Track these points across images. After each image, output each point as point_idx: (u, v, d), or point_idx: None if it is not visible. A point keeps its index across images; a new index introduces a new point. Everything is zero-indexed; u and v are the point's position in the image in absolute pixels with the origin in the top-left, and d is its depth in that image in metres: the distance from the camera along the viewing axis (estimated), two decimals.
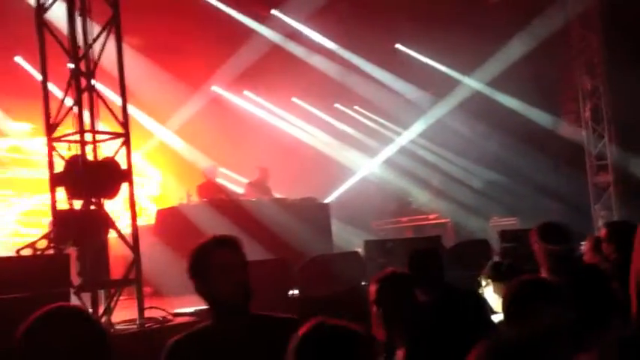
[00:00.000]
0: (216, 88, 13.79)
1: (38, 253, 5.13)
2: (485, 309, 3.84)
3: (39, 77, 5.84)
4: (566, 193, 11.89)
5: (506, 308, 2.48)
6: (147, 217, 11.51)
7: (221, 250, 2.50)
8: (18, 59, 11.41)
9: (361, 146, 15.09)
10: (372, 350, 1.96)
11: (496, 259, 6.33)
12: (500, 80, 12.80)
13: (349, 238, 11.92)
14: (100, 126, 5.85)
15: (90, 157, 5.53)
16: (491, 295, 4.23)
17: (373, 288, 3.26)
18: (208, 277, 2.47)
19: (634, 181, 12.09)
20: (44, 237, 5.28)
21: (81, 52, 5.60)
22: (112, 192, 5.51)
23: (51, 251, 5.13)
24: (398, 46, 14.03)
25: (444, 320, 3.48)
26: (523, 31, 12.06)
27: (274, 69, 12.81)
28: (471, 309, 3.71)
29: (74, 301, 4.58)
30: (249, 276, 2.51)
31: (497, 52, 12.64)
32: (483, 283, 4.25)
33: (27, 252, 5.14)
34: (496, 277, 4.18)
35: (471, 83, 13.70)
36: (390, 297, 3.22)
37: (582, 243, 5.14)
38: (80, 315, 1.77)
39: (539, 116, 13.03)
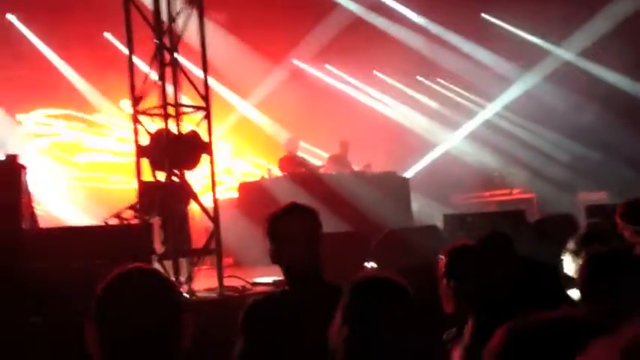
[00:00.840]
0: (297, 62, 13.83)
1: (124, 222, 5.33)
2: (562, 284, 3.71)
3: (126, 52, 6.01)
4: None
5: (580, 284, 2.36)
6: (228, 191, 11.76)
7: (290, 218, 2.59)
8: (107, 35, 11.82)
9: (444, 120, 14.81)
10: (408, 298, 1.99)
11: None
12: (592, 50, 12.23)
13: (431, 213, 11.78)
14: (183, 100, 6.00)
15: (173, 130, 5.67)
16: (573, 270, 4.08)
17: (443, 260, 3.21)
18: (278, 244, 2.57)
19: None
20: (130, 207, 5.48)
21: (165, 27, 5.72)
22: (192, 163, 5.64)
23: (136, 221, 5.32)
24: (484, 15, 13.60)
25: (517, 294, 3.39)
26: None
27: (356, 42, 12.70)
28: (547, 283, 3.59)
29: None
30: (325, 246, 2.57)
31: (590, 21, 12.07)
32: (566, 257, 4.09)
33: (113, 221, 5.36)
34: (579, 251, 4.01)
35: (561, 53, 13.15)
36: (458, 270, 3.16)
37: None
38: (156, 275, 1.82)
39: (633, 87, 12.40)
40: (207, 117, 5.85)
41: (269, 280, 5.26)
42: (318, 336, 2.15)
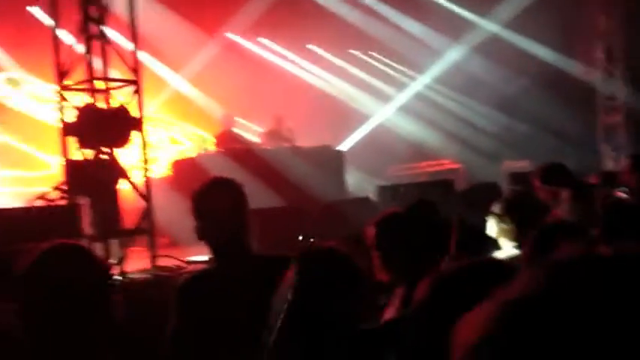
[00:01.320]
0: (230, 35, 13.62)
1: (50, 203, 5.18)
2: (490, 247, 3.83)
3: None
4: (578, 135, 11.82)
5: (529, 254, 2.45)
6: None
7: (212, 193, 2.60)
8: (31, 9, 11.34)
9: (377, 92, 14.91)
10: (359, 269, 2.05)
11: None
12: (514, 22, 12.53)
13: (365, 186, 11.90)
14: (113, 75, 5.83)
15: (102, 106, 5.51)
16: (498, 234, 4.20)
17: (371, 232, 3.24)
18: (202, 220, 2.57)
19: None
20: (56, 187, 5.32)
21: None
22: (122, 140, 5.51)
23: (63, 202, 5.18)
24: None
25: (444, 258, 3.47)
26: None
27: (289, 15, 12.61)
28: (476, 247, 3.69)
29: None
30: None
31: None
32: (490, 220, 4.21)
33: (39, 203, 5.19)
34: (502, 215, 4.13)
35: (487, 26, 13.41)
36: (388, 238, 3.21)
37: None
38: (81, 250, 1.79)
39: (553, 57, 12.80)
40: (138, 91, 5.71)
41: (205, 258, 5.21)
42: (250, 307, 2.16)
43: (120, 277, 4.65)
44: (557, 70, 12.73)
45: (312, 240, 6.60)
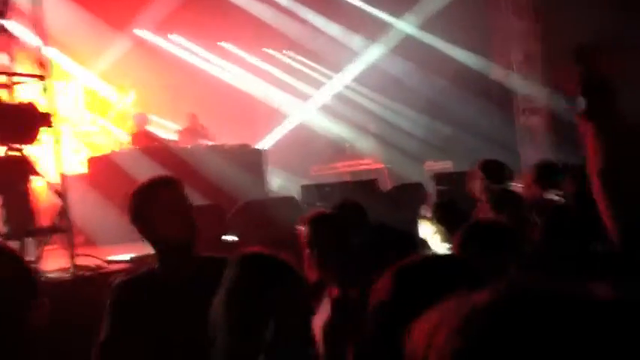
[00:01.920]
0: (139, 32, 13.22)
1: None
2: (421, 248, 3.87)
3: None
4: (498, 136, 12.17)
5: (459, 252, 2.46)
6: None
7: (165, 189, 2.48)
8: None
9: (294, 91, 14.91)
10: (298, 276, 2.00)
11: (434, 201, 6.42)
12: (432, 23, 12.82)
13: (287, 185, 11.87)
14: (20, 70, 5.57)
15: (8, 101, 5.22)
16: (430, 236, 4.27)
17: (306, 229, 3.21)
18: (153, 217, 2.43)
19: (563, 123, 12.43)
20: None
21: None
22: (31, 137, 5.22)
23: None
24: None
25: (379, 260, 3.47)
26: None
27: (201, 12, 12.41)
28: (406, 249, 3.72)
29: None
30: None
31: None
32: (426, 224, 4.28)
33: None
34: (441, 219, 4.20)
35: (403, 26, 13.67)
36: (323, 238, 3.19)
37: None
38: (3, 252, 1.65)
39: (470, 59, 13.18)
40: (47, 86, 5.45)
41: (126, 257, 5.03)
42: (195, 311, 2.05)
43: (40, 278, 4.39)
44: (475, 71, 13.09)
45: (235, 239, 6.50)
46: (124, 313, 2.42)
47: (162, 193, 2.46)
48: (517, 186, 5.08)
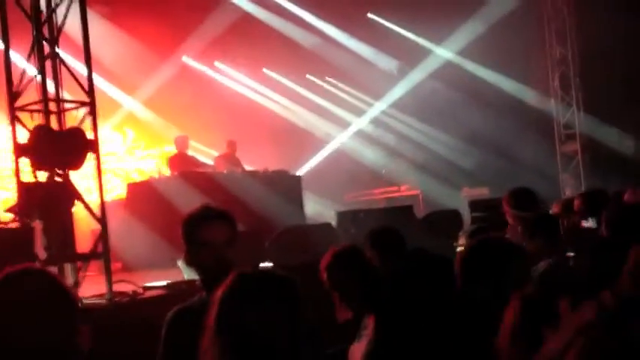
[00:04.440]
0: (186, 59, 13.53)
1: (2, 226, 4.98)
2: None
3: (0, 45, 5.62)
4: (536, 162, 12.03)
5: (464, 267, 2.47)
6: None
7: (206, 223, 2.57)
8: None
9: (333, 118, 14.99)
10: (297, 290, 1.90)
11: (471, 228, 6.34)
12: (471, 49, 12.78)
13: (322, 211, 11.88)
14: (66, 96, 5.69)
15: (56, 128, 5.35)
16: None
17: (324, 275, 3.23)
18: (194, 248, 2.57)
19: (602, 149, 12.24)
20: (8, 210, 5.12)
21: (43, 17, 5.39)
22: (77, 162, 5.34)
23: (16, 224, 4.98)
24: (370, 15, 13.90)
25: (414, 286, 3.45)
26: None
27: (244, 39, 12.61)
28: (444, 275, 3.69)
29: None
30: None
31: (468, 20, 12.62)
32: (459, 250, 4.23)
33: None
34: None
35: (442, 53, 13.66)
36: (340, 278, 3.19)
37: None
38: (48, 278, 1.66)
39: (509, 86, 13.08)
40: (92, 113, 5.56)
41: (162, 283, 5.08)
42: None
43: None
44: (513, 97, 12.99)
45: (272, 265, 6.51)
46: (177, 341, 2.51)
47: (206, 226, 2.55)
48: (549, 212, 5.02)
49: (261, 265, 6.46)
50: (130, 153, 12.69)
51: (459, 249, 4.34)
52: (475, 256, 2.51)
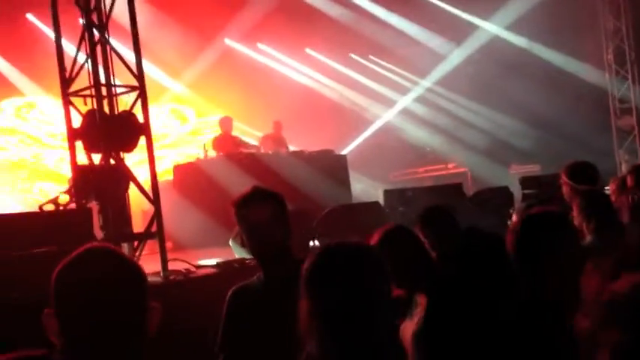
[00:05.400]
0: (229, 41, 13.61)
1: (60, 208, 5.13)
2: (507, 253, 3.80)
3: (51, 34, 5.75)
4: (589, 138, 11.69)
5: (514, 244, 2.45)
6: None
7: (254, 204, 2.61)
8: (30, 16, 11.30)
9: (377, 96, 14.90)
10: (381, 263, 1.90)
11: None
12: (520, 24, 12.51)
13: (367, 190, 11.87)
14: (116, 82, 5.80)
15: (107, 111, 5.47)
16: None
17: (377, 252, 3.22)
18: (246, 229, 2.62)
19: None
20: (66, 192, 5.28)
21: (92, 4, 5.50)
22: (130, 145, 5.47)
23: (73, 206, 5.14)
24: None
25: (469, 266, 3.43)
26: None
27: (287, 19, 12.60)
28: (496, 253, 3.66)
29: None
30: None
31: None
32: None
33: (49, 207, 5.15)
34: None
35: (490, 28, 13.40)
36: (391, 257, 3.18)
37: (606, 187, 5.09)
38: (120, 257, 1.68)
39: (560, 60, 12.77)
40: (142, 96, 5.66)
41: (212, 261, 5.18)
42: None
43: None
44: (566, 72, 12.66)
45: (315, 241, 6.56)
46: (238, 322, 2.61)
47: (254, 208, 2.60)
48: (607, 190, 4.91)
49: (311, 243, 6.53)
50: (197, 133, 12.82)
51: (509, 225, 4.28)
52: (528, 230, 2.48)
